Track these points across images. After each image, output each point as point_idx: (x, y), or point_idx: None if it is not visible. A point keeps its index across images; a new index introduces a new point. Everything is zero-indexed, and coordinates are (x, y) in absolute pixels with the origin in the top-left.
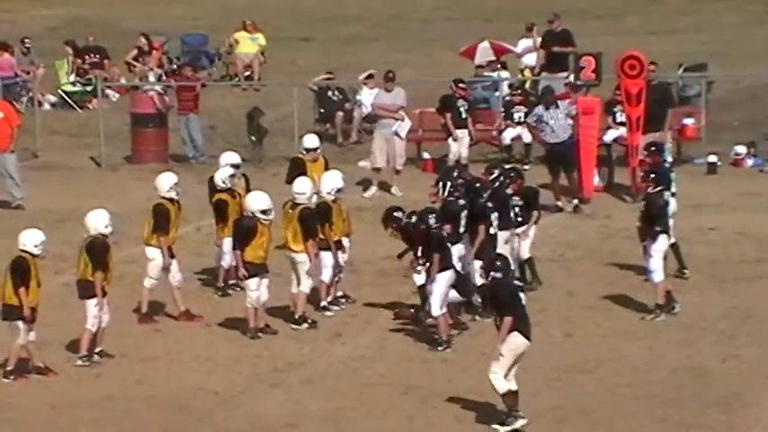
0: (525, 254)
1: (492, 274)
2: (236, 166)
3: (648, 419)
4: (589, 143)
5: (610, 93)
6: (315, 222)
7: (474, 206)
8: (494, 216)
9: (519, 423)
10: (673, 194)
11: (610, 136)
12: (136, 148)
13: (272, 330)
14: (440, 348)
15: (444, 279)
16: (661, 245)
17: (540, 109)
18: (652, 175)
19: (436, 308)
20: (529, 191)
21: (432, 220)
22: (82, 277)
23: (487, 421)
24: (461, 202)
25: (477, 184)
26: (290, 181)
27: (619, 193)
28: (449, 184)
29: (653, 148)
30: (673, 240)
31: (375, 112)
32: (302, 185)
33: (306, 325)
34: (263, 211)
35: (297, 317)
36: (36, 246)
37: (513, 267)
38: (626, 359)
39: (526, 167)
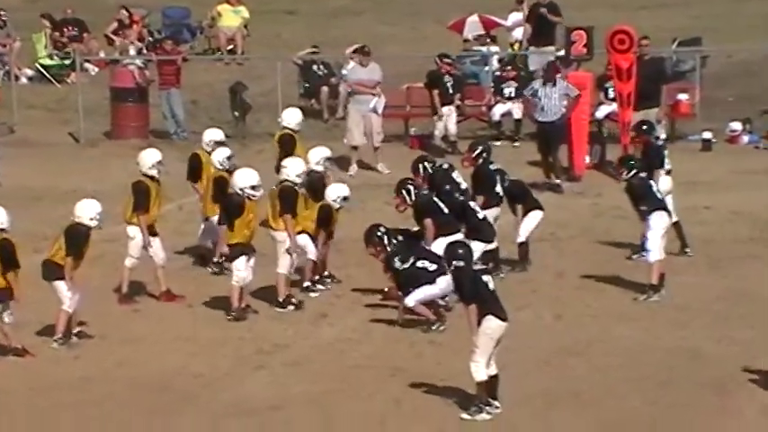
0: (520, 238)
1: (454, 263)
2: (219, 143)
3: (640, 401)
4: (580, 119)
5: (602, 68)
6: (295, 199)
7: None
8: (473, 203)
9: (483, 416)
10: (668, 172)
11: (602, 112)
12: (115, 123)
13: (252, 310)
14: (433, 327)
15: (432, 288)
16: (657, 223)
17: (537, 83)
18: (629, 162)
19: (411, 300)
20: (514, 186)
21: (397, 264)
22: (50, 258)
23: None
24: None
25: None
26: (282, 159)
27: (610, 171)
28: (411, 188)
29: (643, 127)
30: (675, 219)
31: (351, 88)
32: (297, 166)
33: (291, 307)
34: (253, 187)
35: (281, 300)
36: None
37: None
38: (618, 340)
39: (516, 144)
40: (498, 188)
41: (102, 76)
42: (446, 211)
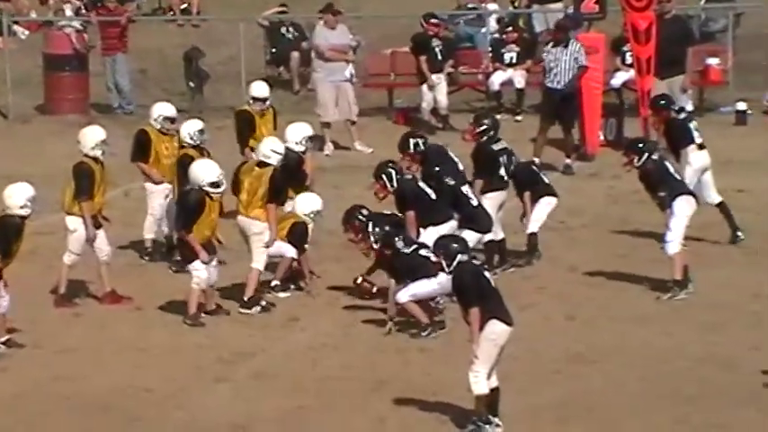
0: (530, 227)
1: (458, 258)
2: (171, 120)
3: (666, 419)
4: (592, 89)
5: (617, 28)
6: (286, 186)
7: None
8: (465, 188)
9: None
10: (701, 146)
11: (618, 80)
12: (50, 96)
13: (224, 311)
14: (423, 334)
15: (431, 284)
16: (682, 209)
17: (547, 46)
18: (637, 146)
19: (405, 295)
20: (522, 170)
21: (399, 243)
22: None
23: None
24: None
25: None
26: (244, 143)
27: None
28: (392, 172)
29: (661, 102)
30: (719, 199)
31: (323, 54)
32: (278, 145)
33: (258, 308)
34: (213, 184)
35: (246, 299)
36: None
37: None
38: (638, 347)
39: (518, 118)
40: (502, 171)
41: (33, 41)
42: (433, 197)
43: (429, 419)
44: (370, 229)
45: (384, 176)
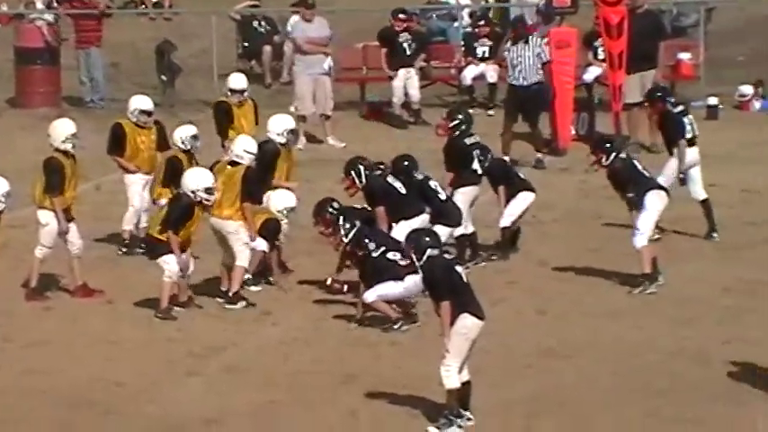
0: (503, 221)
1: (428, 252)
2: (147, 113)
3: (637, 413)
4: (564, 83)
5: (589, 23)
6: (259, 184)
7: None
8: (434, 183)
9: (454, 429)
10: (691, 142)
11: (590, 75)
12: (22, 89)
13: (197, 305)
14: (395, 327)
15: (397, 287)
16: (654, 203)
17: (507, 44)
18: (604, 145)
19: (372, 295)
20: (495, 166)
21: (371, 245)
22: None
23: None
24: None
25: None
26: (223, 134)
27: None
28: (362, 168)
29: (657, 94)
30: (705, 196)
31: (301, 47)
32: (251, 144)
33: (243, 303)
34: (207, 190)
35: (231, 294)
36: None
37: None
38: (610, 341)
39: (490, 112)
40: (476, 165)
41: (4, 34)
42: (403, 191)
43: (400, 413)
44: (340, 222)
45: (353, 172)
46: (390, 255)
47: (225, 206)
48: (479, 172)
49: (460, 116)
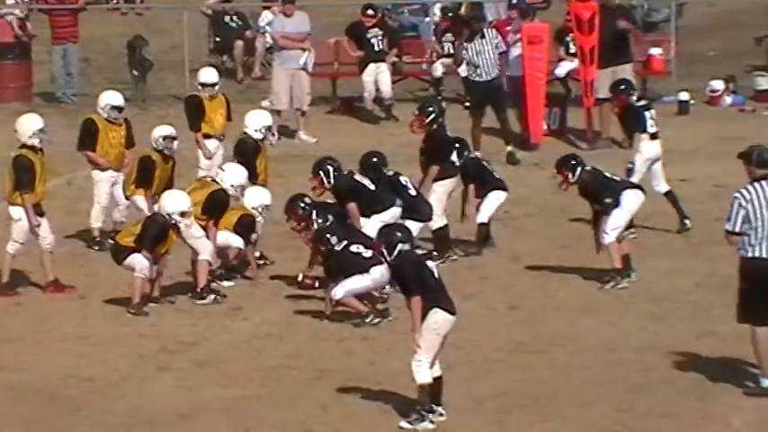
0: (481, 217)
1: (398, 247)
2: (118, 108)
3: (611, 408)
4: (536, 78)
5: (561, 18)
6: (224, 206)
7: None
8: (404, 179)
9: (426, 424)
10: (653, 136)
11: (562, 69)
12: None
13: (168, 300)
14: (366, 320)
15: (364, 279)
16: (630, 201)
17: (463, 43)
18: (568, 163)
19: (340, 291)
20: (470, 164)
21: (333, 239)
22: None
23: None
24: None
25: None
26: (195, 127)
27: (572, 139)
28: (330, 168)
29: (620, 87)
30: (667, 188)
31: (277, 42)
32: (242, 177)
33: (212, 297)
34: (183, 213)
35: (199, 289)
36: None
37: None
38: (583, 336)
39: (468, 104)
40: (454, 156)
41: None
42: (372, 187)
43: (372, 408)
44: (313, 217)
45: (321, 172)
46: (354, 248)
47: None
48: (457, 164)
49: (433, 108)
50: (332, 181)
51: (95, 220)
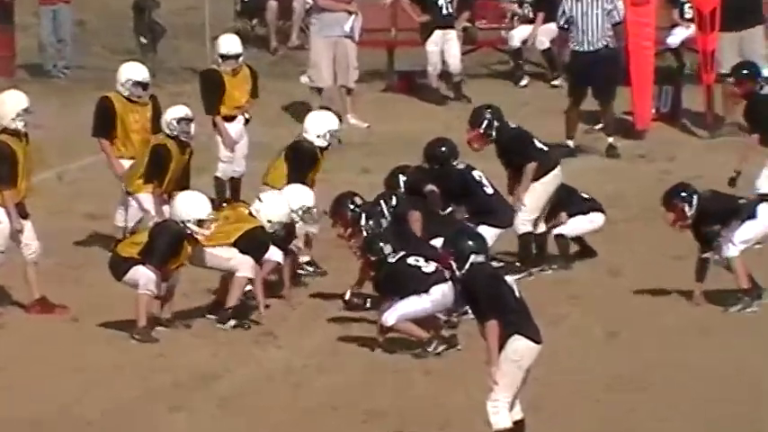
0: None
1: (472, 259)
2: (143, 85)
3: None
4: (642, 48)
5: None
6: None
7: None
8: (477, 173)
9: None
10: None
11: (676, 38)
12: None
13: (184, 324)
14: (429, 349)
15: (423, 301)
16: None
17: (568, 2)
18: (679, 195)
19: (392, 317)
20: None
21: (387, 249)
22: None
23: None
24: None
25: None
26: (212, 110)
27: (687, 125)
28: (364, 217)
29: (743, 71)
30: None
31: (317, 3)
32: (279, 212)
33: (233, 323)
34: (200, 222)
35: (226, 308)
36: None
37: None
38: (700, 368)
39: (555, 83)
40: (540, 144)
41: None
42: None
43: None
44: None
45: (352, 220)
46: (411, 260)
47: (218, 240)
48: (549, 151)
49: (483, 113)
50: (367, 232)
51: (118, 221)
